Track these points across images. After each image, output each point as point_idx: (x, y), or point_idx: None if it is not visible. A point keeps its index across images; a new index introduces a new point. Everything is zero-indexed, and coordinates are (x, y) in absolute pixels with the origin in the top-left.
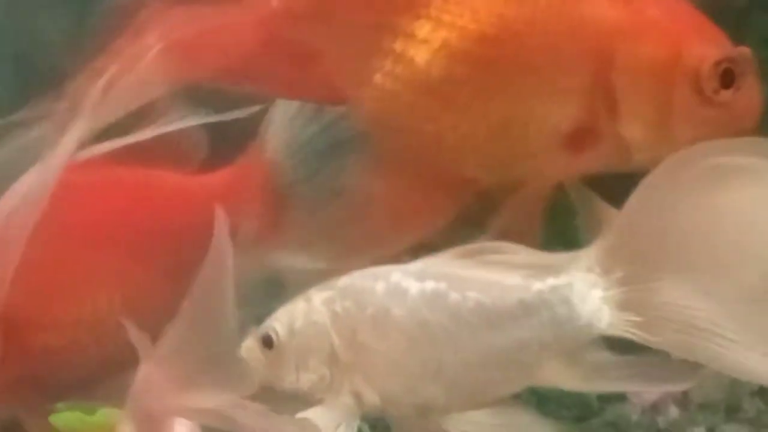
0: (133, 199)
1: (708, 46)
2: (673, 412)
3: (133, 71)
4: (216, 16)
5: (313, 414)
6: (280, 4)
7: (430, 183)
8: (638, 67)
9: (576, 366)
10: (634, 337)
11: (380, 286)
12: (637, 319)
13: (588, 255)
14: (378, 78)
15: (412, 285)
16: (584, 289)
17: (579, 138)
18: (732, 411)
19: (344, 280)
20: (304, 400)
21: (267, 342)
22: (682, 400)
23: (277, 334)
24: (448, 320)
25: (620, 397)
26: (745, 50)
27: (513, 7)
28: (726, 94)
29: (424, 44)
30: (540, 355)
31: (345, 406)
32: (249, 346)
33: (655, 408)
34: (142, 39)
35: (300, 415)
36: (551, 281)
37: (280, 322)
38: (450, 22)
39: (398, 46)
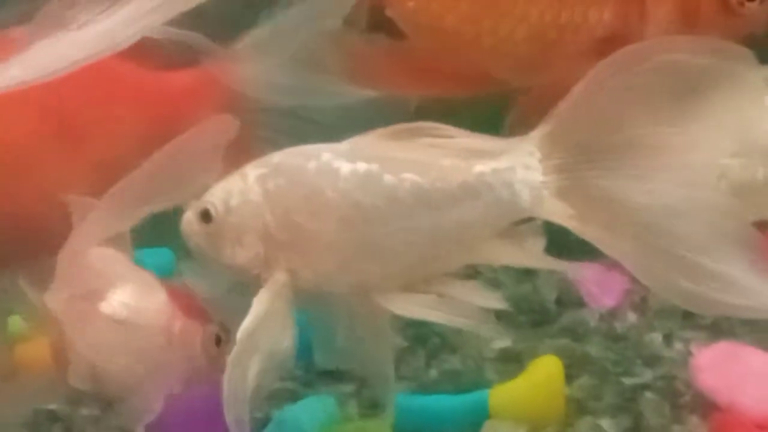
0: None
1: None
2: (631, 317)
3: None
4: None
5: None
6: None
7: (461, 81)
8: None
9: (515, 245)
10: (568, 226)
11: (312, 165)
12: (571, 209)
13: (529, 140)
14: None
15: (343, 165)
16: (525, 174)
17: (609, 44)
18: (689, 317)
19: (277, 157)
20: (241, 274)
21: (205, 216)
22: (640, 305)
23: (215, 209)
24: (383, 201)
25: (578, 303)
26: None
27: None
28: (752, 6)
29: None
30: (479, 234)
31: (279, 282)
32: (188, 218)
33: (613, 313)
34: None
35: None
36: (493, 164)
37: (217, 197)
38: None
39: None
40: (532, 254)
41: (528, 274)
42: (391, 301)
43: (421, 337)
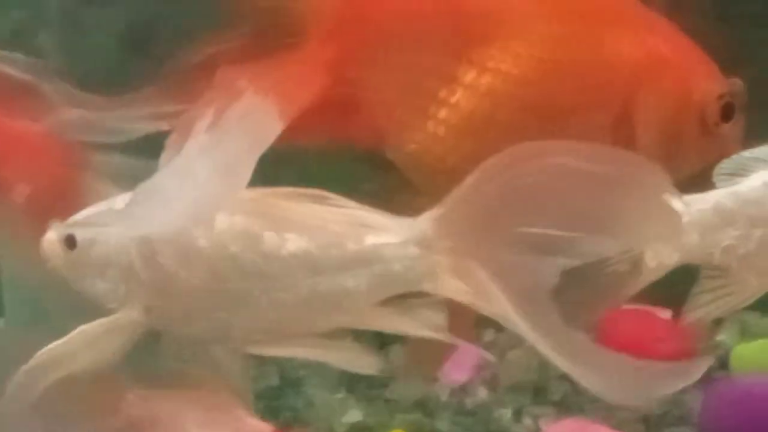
0: None
1: (712, 81)
2: (482, 393)
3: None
4: (284, 65)
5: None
6: (334, 52)
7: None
8: (657, 104)
9: (402, 314)
10: (464, 302)
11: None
12: (465, 287)
13: (424, 219)
14: (421, 121)
15: (221, 217)
16: (419, 250)
17: None
18: (539, 393)
19: None
20: (97, 303)
21: (69, 242)
22: (491, 381)
23: (81, 237)
24: (263, 259)
25: (430, 377)
26: (740, 83)
27: (549, 51)
28: (725, 127)
29: (469, 89)
30: (364, 301)
31: (126, 318)
32: (51, 240)
33: (464, 389)
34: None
35: None
36: (386, 238)
37: (83, 224)
38: (494, 68)
39: (443, 90)
40: (419, 325)
41: (384, 346)
42: (259, 348)
43: (272, 410)
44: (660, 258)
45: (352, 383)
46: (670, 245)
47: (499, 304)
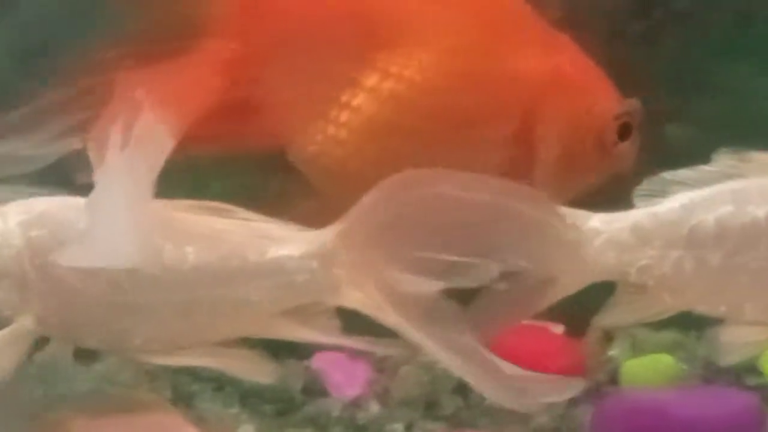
0: None
1: (611, 100)
2: (374, 407)
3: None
4: (182, 70)
5: None
6: (233, 54)
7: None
8: (557, 120)
9: (301, 323)
10: (366, 313)
11: (82, 224)
12: (365, 299)
13: (326, 233)
14: (322, 124)
15: None
16: (320, 262)
17: None
18: (431, 407)
19: (42, 205)
20: None
21: None
22: (383, 395)
23: None
24: (162, 271)
25: (323, 392)
26: (637, 103)
27: (453, 61)
28: (623, 146)
29: (371, 93)
30: (265, 311)
31: (20, 328)
32: None
33: (356, 403)
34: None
35: None
36: (289, 249)
37: None
38: (397, 73)
39: (345, 94)
40: (318, 333)
41: (277, 361)
42: (155, 358)
43: None
44: (574, 275)
45: (246, 398)
46: (581, 267)
47: (395, 317)
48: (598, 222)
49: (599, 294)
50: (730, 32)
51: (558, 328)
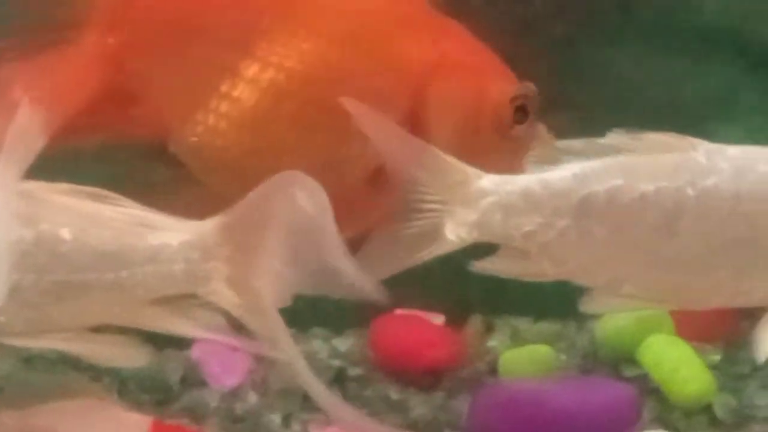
0: None
1: (505, 83)
2: (252, 398)
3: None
4: (61, 62)
5: None
6: (114, 44)
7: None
8: (448, 106)
9: (175, 314)
10: (233, 313)
11: None
12: (234, 298)
13: (205, 225)
14: (202, 114)
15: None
16: (198, 254)
17: (383, 177)
18: (309, 398)
19: None
20: None
21: None
22: (261, 386)
23: None
24: (36, 250)
25: (202, 383)
26: (532, 86)
27: (335, 50)
28: (519, 129)
29: (250, 84)
30: (139, 298)
31: None
32: None
33: (234, 394)
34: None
35: None
36: (167, 238)
37: None
38: (277, 63)
39: (225, 84)
40: (195, 325)
41: (156, 350)
42: (21, 340)
43: None
44: (458, 231)
45: (124, 387)
46: (465, 225)
47: (263, 320)
48: (488, 183)
49: (480, 285)
50: (615, 20)
51: (438, 319)
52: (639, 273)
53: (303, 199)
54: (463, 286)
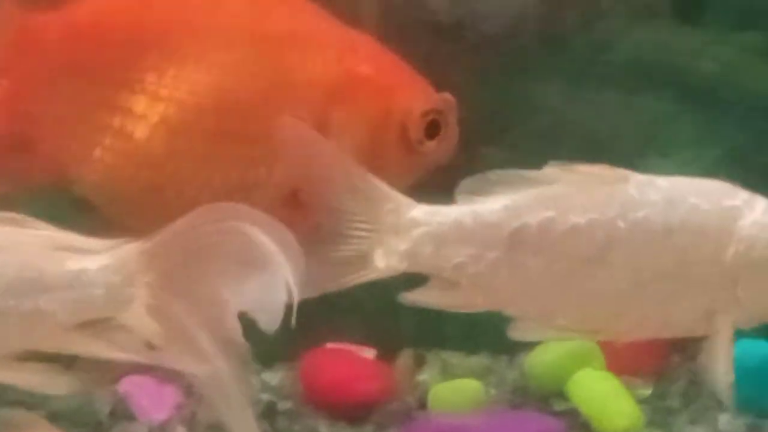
0: None
1: (415, 99)
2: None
3: None
4: None
5: None
6: (5, 90)
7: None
8: (353, 123)
9: (97, 338)
10: (150, 339)
11: None
12: (153, 324)
13: (127, 251)
14: (99, 152)
15: None
16: (117, 279)
17: (298, 197)
18: None
19: None
20: None
21: None
22: (190, 420)
23: None
24: None
25: (131, 416)
26: (449, 98)
27: (230, 78)
28: (430, 145)
29: (141, 119)
30: (63, 325)
31: None
32: None
33: (163, 428)
34: None
35: None
36: (87, 263)
37: None
38: (167, 96)
39: (117, 121)
40: (116, 348)
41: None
42: None
43: None
44: (388, 260)
45: (53, 420)
46: (396, 254)
47: (183, 347)
48: (420, 213)
49: (412, 319)
50: (548, 54)
51: (369, 352)
52: (570, 304)
53: (257, 234)
54: (395, 320)
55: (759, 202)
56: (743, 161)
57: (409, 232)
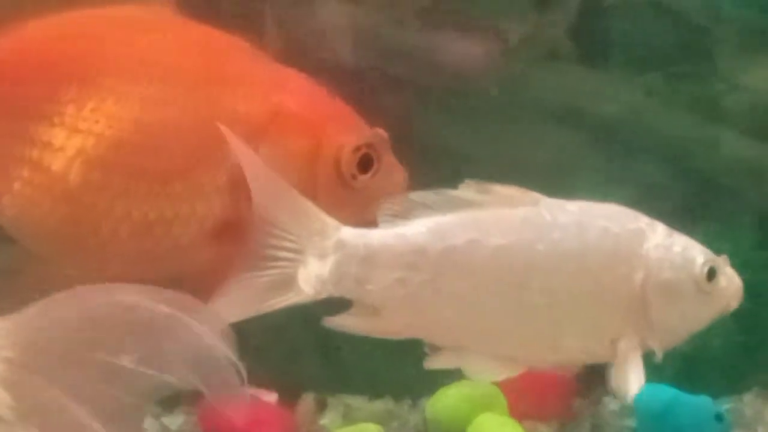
0: None
1: (345, 134)
2: None
3: None
4: None
5: None
6: None
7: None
8: (281, 159)
9: None
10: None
11: None
12: (12, 401)
13: None
14: (18, 186)
15: None
16: None
17: (224, 231)
18: None
19: None
20: None
21: None
22: None
23: None
24: None
25: None
26: (381, 133)
27: (151, 112)
28: (364, 179)
29: (59, 152)
30: None
31: None
32: None
33: None
34: None
35: None
36: None
37: None
38: (86, 129)
39: (35, 153)
40: None
41: None
42: None
43: None
44: (313, 283)
45: None
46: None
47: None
48: (346, 235)
49: (314, 363)
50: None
51: (271, 396)
52: (490, 329)
53: (147, 302)
54: (299, 364)
55: (658, 225)
56: (646, 202)
57: (333, 255)
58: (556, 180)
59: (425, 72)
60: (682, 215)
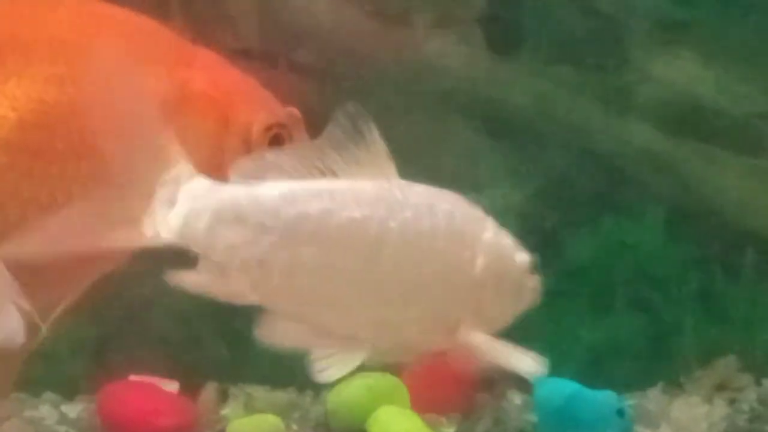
0: None
1: (255, 112)
2: None
3: None
4: None
5: None
6: None
7: None
8: (190, 139)
9: None
10: None
11: None
12: None
13: None
14: None
15: None
16: None
17: None
18: None
19: None
20: None
21: None
22: None
23: None
24: None
25: None
26: (294, 112)
27: (53, 92)
28: None
29: None
30: None
31: None
32: None
33: None
34: None
35: None
36: None
37: None
38: None
39: None
40: None
41: None
42: None
43: None
44: (157, 229)
45: None
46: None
47: None
48: (199, 186)
49: (218, 352)
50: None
51: (173, 386)
52: (335, 301)
53: None
54: (202, 353)
55: (488, 216)
56: (554, 193)
57: (183, 203)
58: (460, 171)
59: (329, 59)
60: (590, 207)
